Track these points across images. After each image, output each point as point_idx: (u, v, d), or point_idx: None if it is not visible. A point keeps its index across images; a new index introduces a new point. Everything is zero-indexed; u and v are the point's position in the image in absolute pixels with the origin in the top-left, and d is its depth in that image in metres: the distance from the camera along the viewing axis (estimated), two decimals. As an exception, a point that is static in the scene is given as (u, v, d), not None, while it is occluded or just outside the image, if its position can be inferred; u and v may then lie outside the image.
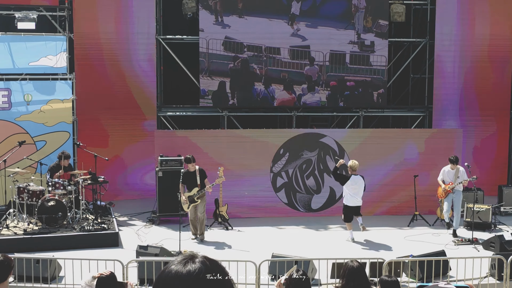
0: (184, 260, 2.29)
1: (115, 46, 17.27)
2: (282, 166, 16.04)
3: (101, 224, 13.88)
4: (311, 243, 13.72)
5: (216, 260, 2.34)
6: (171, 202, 14.32)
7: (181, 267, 2.27)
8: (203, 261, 2.29)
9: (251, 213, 15.77)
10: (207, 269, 2.26)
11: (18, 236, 13.13)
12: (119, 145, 17.32)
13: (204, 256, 2.33)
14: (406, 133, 16.87)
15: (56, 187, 13.87)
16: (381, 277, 6.94)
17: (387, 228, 14.89)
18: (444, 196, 14.28)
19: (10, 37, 15.93)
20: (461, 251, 12.93)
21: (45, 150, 15.98)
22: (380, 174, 16.02)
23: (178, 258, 2.32)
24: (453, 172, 14.17)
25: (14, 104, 15.87)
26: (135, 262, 10.93)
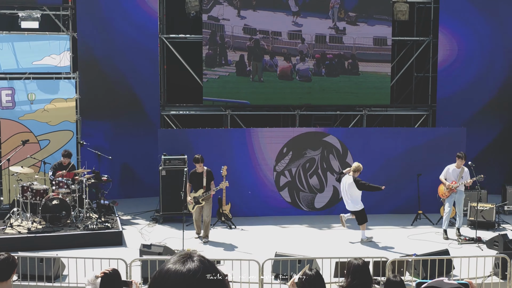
0: (182, 259, 2.25)
1: (117, 45, 17.28)
2: (285, 165, 16.05)
3: (104, 223, 13.90)
4: (314, 242, 13.72)
5: (210, 259, 2.31)
6: (174, 201, 14.32)
7: (180, 266, 2.22)
8: (201, 260, 2.25)
9: (254, 212, 15.77)
10: (206, 268, 2.23)
11: (22, 235, 13.15)
12: (121, 143, 17.32)
13: (200, 255, 2.30)
14: (409, 132, 16.85)
15: (60, 186, 13.89)
16: (387, 277, 6.87)
17: (390, 227, 14.88)
18: (447, 196, 14.03)
19: (13, 37, 15.95)
20: (465, 250, 12.91)
21: (49, 149, 16.00)
22: (383, 173, 15.99)
23: (175, 257, 2.28)
24: (458, 172, 13.93)
25: (17, 103, 15.89)
26: (139, 261, 10.94)
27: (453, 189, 13.81)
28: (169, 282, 2.19)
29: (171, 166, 15.07)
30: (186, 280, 2.19)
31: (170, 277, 2.21)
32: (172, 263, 2.24)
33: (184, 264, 2.22)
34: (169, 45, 18.36)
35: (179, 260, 2.25)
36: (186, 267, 2.21)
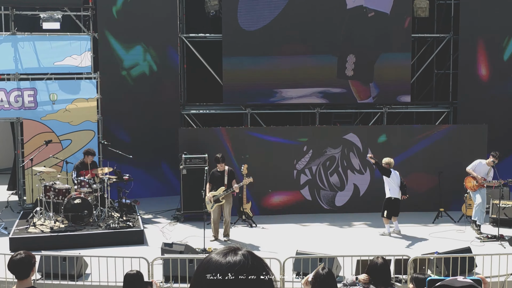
0: (226, 251, 2.29)
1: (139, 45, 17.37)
2: (305, 163, 16.03)
3: (126, 222, 13.99)
4: (335, 240, 13.70)
5: (260, 257, 2.33)
6: (195, 200, 14.37)
7: (221, 257, 2.26)
8: (245, 255, 2.29)
9: (275, 210, 15.78)
10: (247, 263, 2.26)
11: (45, 234, 13.29)
12: (142, 143, 17.40)
13: (248, 251, 2.34)
14: (430, 129, 16.74)
15: (82, 185, 14.01)
16: (416, 276, 6.82)
17: (412, 225, 14.81)
18: (475, 189, 13.85)
19: (35, 37, 16.10)
20: (487, 248, 12.82)
21: (71, 149, 16.13)
22: (404, 170, 15.90)
23: (221, 248, 2.32)
24: (487, 169, 13.82)
25: (40, 104, 16.04)
26: (160, 260, 11.01)
27: (482, 185, 13.71)
28: (209, 271, 2.24)
29: (192, 165, 15.12)
30: (223, 271, 2.23)
31: (210, 266, 2.26)
32: (216, 253, 2.30)
33: (226, 256, 2.27)
34: (189, 44, 18.41)
35: (223, 251, 2.30)
36: (227, 259, 2.26)
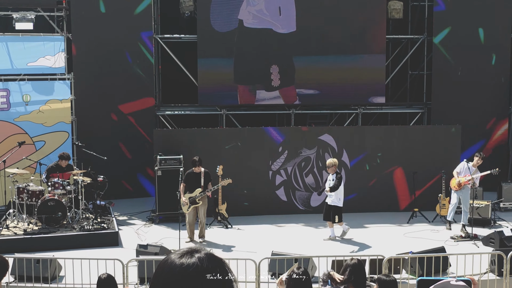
0: (183, 252, 2.26)
1: (112, 45, 17.24)
2: (281, 164, 16.05)
3: (100, 223, 13.89)
4: (310, 241, 13.73)
5: (219, 258, 2.30)
6: (170, 201, 14.31)
7: (177, 258, 2.23)
8: (201, 258, 2.23)
9: (251, 211, 15.77)
10: (202, 265, 2.21)
11: (18, 236, 13.14)
12: (117, 144, 17.29)
13: (207, 252, 2.28)
14: (405, 130, 16.87)
15: (56, 187, 13.88)
16: (379, 276, 6.92)
17: (386, 225, 14.91)
18: (458, 189, 13.98)
19: (8, 38, 15.93)
20: (461, 247, 12.94)
21: (44, 150, 15.98)
22: (379, 171, 16.02)
23: (180, 250, 2.29)
24: (473, 170, 13.91)
25: (13, 105, 15.87)
26: (135, 261, 10.95)
27: (466, 182, 13.82)
28: (164, 272, 2.22)
29: (167, 166, 15.06)
30: (175, 273, 2.20)
31: (165, 267, 2.23)
32: (174, 254, 2.27)
33: (181, 258, 2.23)
34: (164, 45, 18.34)
35: (180, 252, 2.27)
36: (181, 261, 2.22)
